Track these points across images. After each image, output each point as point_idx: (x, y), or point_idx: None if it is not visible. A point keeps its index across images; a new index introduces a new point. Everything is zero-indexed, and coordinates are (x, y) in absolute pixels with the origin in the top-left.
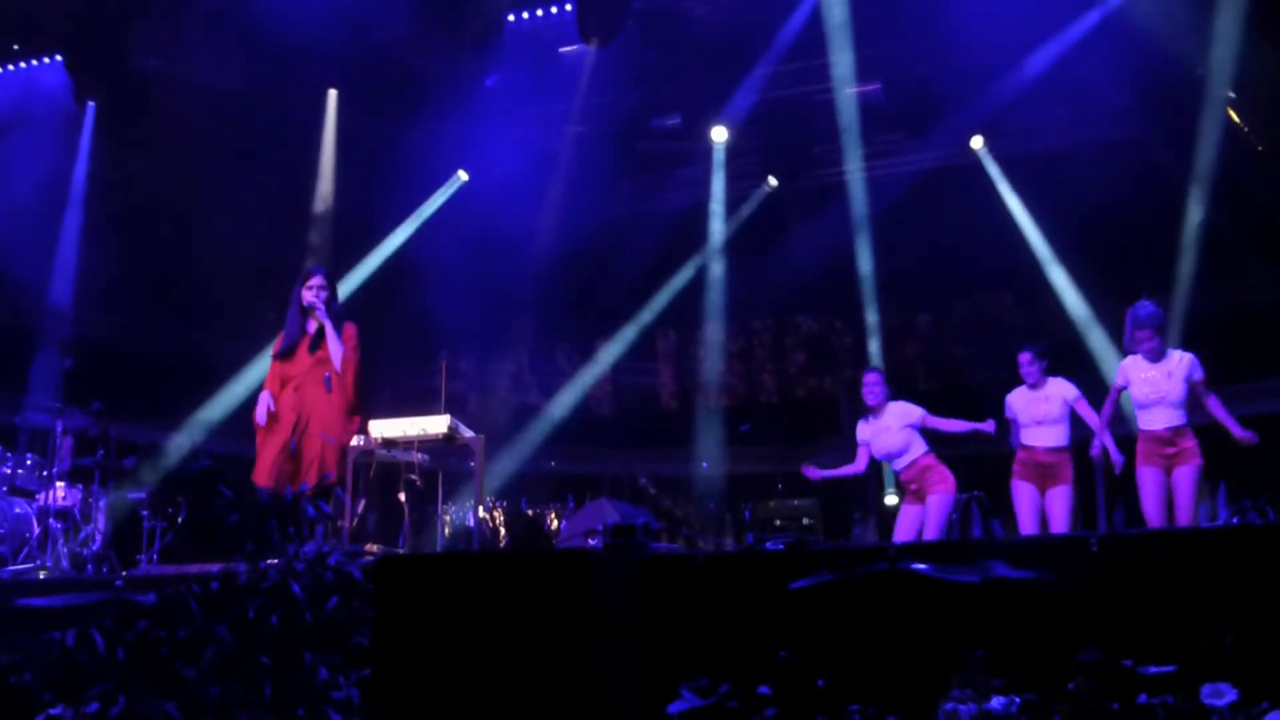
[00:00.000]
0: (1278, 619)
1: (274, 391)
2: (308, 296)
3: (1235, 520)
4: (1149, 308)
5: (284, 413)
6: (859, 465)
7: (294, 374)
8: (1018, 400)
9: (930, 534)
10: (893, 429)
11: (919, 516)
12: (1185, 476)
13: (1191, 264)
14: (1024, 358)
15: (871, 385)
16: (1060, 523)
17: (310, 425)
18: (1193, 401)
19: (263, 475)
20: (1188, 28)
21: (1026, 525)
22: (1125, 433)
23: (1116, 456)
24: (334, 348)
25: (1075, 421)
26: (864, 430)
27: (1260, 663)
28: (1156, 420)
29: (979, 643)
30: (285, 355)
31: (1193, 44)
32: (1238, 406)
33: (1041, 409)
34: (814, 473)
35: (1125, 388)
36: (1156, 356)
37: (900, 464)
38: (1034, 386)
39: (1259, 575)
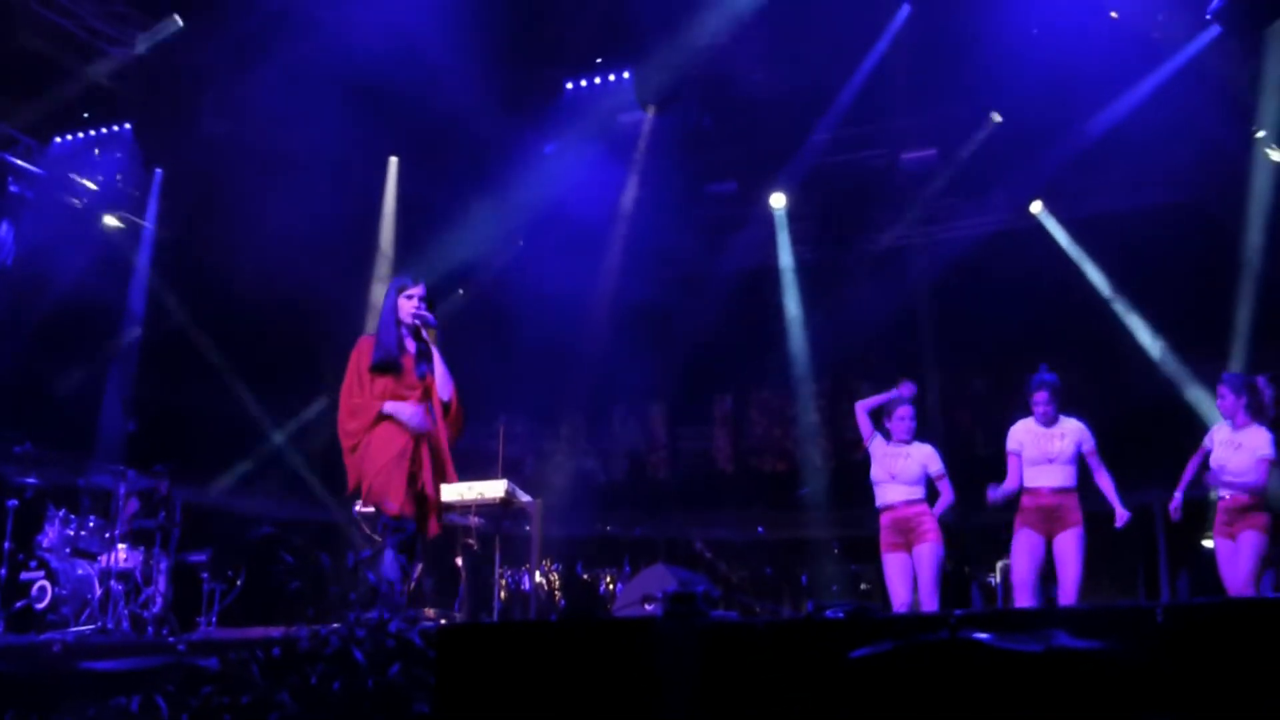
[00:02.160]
0: None
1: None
2: (409, 308)
3: None
4: (1227, 374)
5: (403, 436)
6: (865, 433)
7: (405, 395)
8: (1024, 434)
9: (927, 587)
10: (914, 458)
11: (908, 565)
12: (1246, 541)
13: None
14: (1040, 396)
15: (905, 418)
16: (1073, 568)
17: (437, 460)
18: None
19: (402, 503)
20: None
21: (1022, 576)
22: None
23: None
24: (443, 374)
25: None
26: (882, 448)
27: None
28: (1222, 489)
29: (1041, 713)
30: (388, 370)
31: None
32: None
33: (1055, 445)
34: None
35: (1209, 451)
36: (1235, 423)
37: (900, 496)
38: (1048, 424)
39: None
